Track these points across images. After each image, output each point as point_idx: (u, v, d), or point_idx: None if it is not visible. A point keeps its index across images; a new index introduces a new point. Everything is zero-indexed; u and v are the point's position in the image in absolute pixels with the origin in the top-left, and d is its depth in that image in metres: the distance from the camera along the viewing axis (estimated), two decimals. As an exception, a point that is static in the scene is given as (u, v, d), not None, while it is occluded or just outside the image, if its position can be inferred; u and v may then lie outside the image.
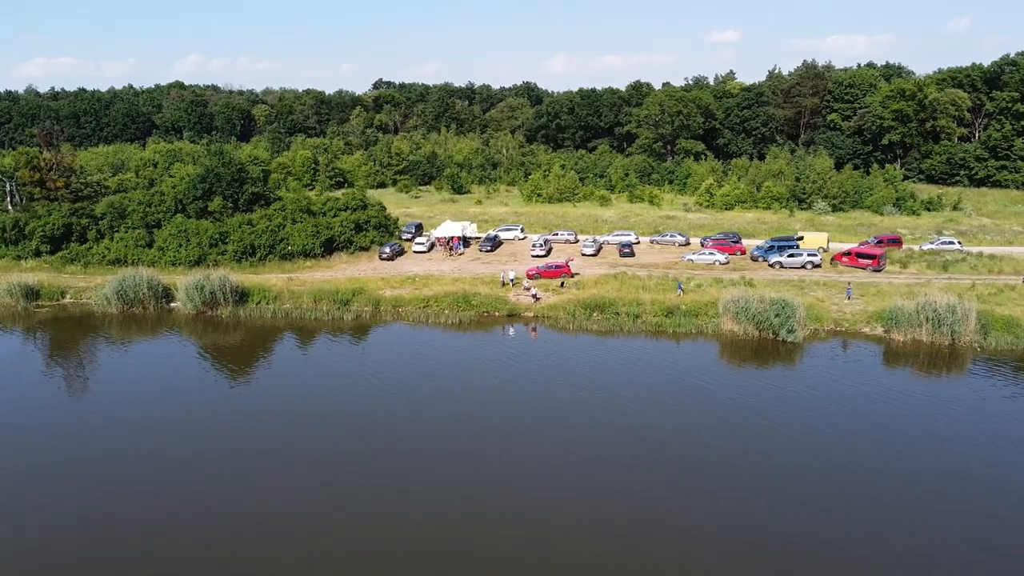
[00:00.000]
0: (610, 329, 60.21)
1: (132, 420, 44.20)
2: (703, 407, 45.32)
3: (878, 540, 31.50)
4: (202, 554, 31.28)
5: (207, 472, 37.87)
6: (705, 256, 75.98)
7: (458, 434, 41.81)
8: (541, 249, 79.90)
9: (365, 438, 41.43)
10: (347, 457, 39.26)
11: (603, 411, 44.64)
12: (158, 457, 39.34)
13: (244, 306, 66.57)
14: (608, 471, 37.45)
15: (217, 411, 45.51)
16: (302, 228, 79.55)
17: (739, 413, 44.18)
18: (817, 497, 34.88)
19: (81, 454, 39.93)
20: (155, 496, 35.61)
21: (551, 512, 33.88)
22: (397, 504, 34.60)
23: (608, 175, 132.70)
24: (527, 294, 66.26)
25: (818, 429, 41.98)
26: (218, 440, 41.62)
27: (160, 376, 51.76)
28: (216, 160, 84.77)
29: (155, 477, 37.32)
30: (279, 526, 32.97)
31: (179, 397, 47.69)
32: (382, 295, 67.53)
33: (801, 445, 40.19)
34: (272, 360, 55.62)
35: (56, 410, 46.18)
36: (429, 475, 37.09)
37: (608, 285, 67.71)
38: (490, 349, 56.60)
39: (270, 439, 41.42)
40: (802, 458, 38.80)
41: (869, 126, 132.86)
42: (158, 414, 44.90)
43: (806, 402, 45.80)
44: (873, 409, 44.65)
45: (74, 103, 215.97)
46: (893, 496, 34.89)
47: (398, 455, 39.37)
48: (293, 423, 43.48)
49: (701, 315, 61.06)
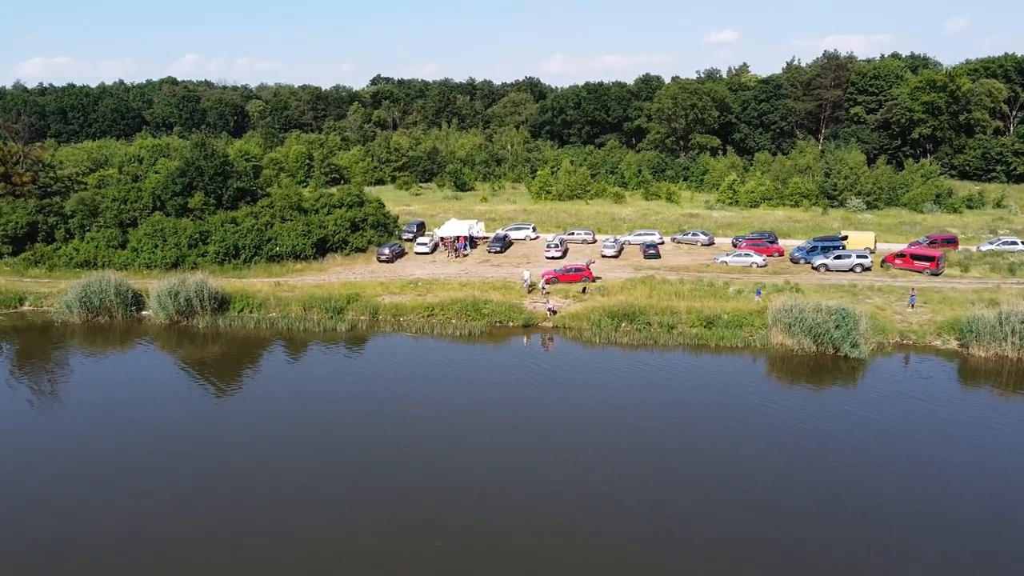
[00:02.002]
0: (642, 342, 52.44)
1: (67, 455, 36.44)
2: (772, 436, 37.60)
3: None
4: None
5: (166, 519, 30.13)
6: (741, 258, 68.22)
7: (492, 476, 34.09)
8: (557, 250, 72.09)
9: (371, 503, 33.71)
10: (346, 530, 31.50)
11: (658, 442, 36.95)
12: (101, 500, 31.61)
13: (224, 314, 58.79)
14: (689, 529, 29.73)
15: (176, 451, 37.73)
16: (292, 227, 71.72)
17: (816, 442, 36.51)
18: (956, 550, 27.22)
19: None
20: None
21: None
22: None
23: (620, 171, 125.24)
24: (544, 302, 58.58)
25: (914, 461, 34.28)
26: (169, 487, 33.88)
27: (110, 403, 43.92)
28: (198, 152, 76.84)
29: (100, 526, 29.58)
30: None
31: (134, 429, 39.91)
32: (380, 302, 59.75)
33: (899, 483, 32.44)
34: (249, 383, 47.79)
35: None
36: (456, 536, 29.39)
37: (636, 291, 59.93)
38: (509, 366, 48.84)
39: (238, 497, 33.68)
40: (906, 500, 31.06)
41: (898, 119, 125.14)
42: (100, 452, 37.15)
43: (890, 429, 38.06)
44: (973, 441, 37.02)
45: (61, 98, 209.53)
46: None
47: (413, 519, 31.63)
48: (270, 478, 35.73)
49: (746, 325, 53.34)
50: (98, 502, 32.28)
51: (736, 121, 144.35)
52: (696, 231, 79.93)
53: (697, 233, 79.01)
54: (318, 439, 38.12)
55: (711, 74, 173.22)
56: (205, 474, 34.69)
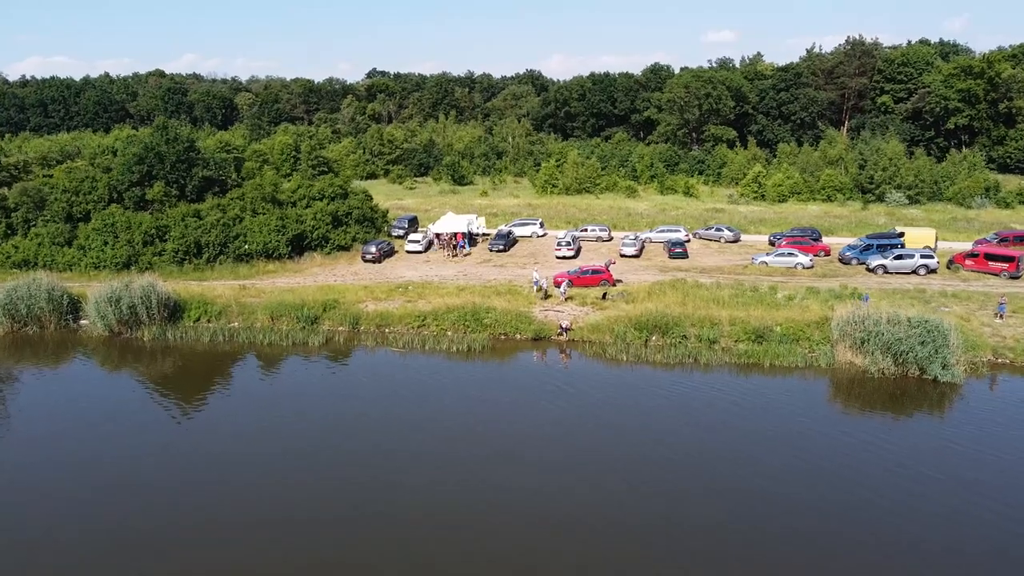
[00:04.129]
0: (679, 360, 43.10)
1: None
2: (857, 477, 28.26)
3: None
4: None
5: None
6: (783, 258, 58.78)
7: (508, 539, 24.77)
8: (569, 249, 62.67)
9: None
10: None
11: (719, 483, 27.62)
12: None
13: (176, 325, 49.42)
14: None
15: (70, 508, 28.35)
16: (264, 221, 62.20)
17: (915, 484, 27.23)
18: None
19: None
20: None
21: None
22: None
23: (631, 163, 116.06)
24: (556, 309, 49.30)
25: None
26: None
27: (27, 439, 34.54)
28: (158, 137, 67.25)
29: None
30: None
31: (53, 473, 30.54)
32: (363, 310, 50.38)
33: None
34: (192, 413, 38.39)
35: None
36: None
37: (666, 297, 50.50)
38: (520, 399, 39.49)
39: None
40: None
41: (931, 108, 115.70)
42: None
43: (1010, 470, 28.80)
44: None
45: (41, 90, 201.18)
46: None
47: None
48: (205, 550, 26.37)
49: (803, 339, 44.02)
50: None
51: (753, 112, 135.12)
52: (720, 226, 70.53)
53: (721, 228, 69.61)
54: (262, 506, 28.77)
55: (723, 63, 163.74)
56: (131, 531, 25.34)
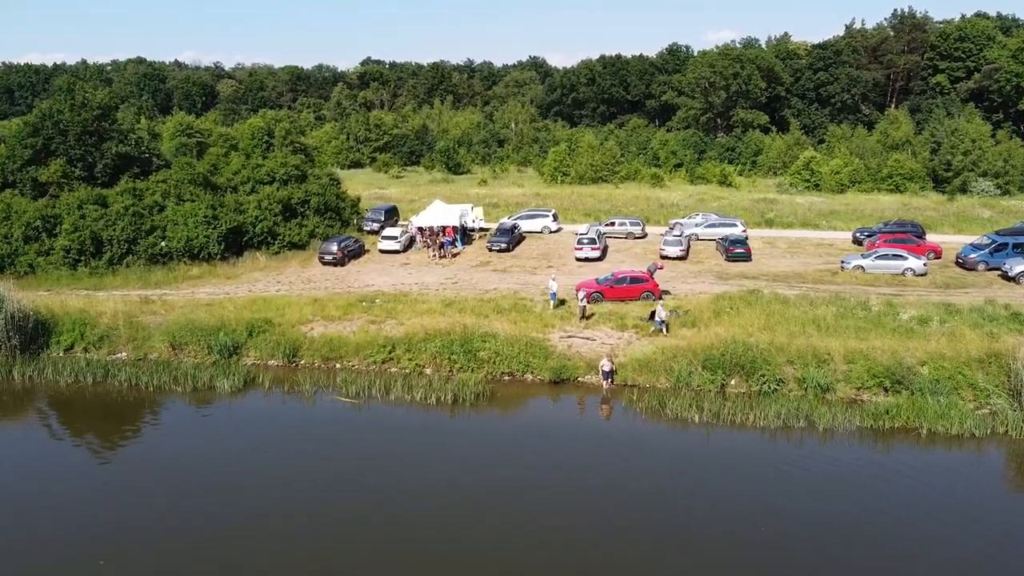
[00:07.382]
0: (782, 421, 27.82)
1: None
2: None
3: None
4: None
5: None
6: (888, 261, 43.23)
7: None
8: (593, 248, 47.27)
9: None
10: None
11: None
12: None
13: (39, 355, 34.30)
14: None
15: None
16: (190, 211, 46.79)
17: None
18: None
19: None
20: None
21: None
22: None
23: (651, 150, 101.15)
24: (583, 335, 34.19)
25: None
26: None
27: None
28: (62, 101, 51.78)
29: None
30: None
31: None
32: (306, 334, 35.14)
33: None
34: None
35: None
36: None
37: (741, 317, 35.09)
38: (539, 481, 24.30)
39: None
40: None
41: (1000, 87, 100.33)
42: None
43: None
44: None
45: (8, 76, 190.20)
46: None
47: None
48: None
49: (963, 386, 28.84)
50: None
51: (787, 95, 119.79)
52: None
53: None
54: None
55: (749, 42, 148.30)
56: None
